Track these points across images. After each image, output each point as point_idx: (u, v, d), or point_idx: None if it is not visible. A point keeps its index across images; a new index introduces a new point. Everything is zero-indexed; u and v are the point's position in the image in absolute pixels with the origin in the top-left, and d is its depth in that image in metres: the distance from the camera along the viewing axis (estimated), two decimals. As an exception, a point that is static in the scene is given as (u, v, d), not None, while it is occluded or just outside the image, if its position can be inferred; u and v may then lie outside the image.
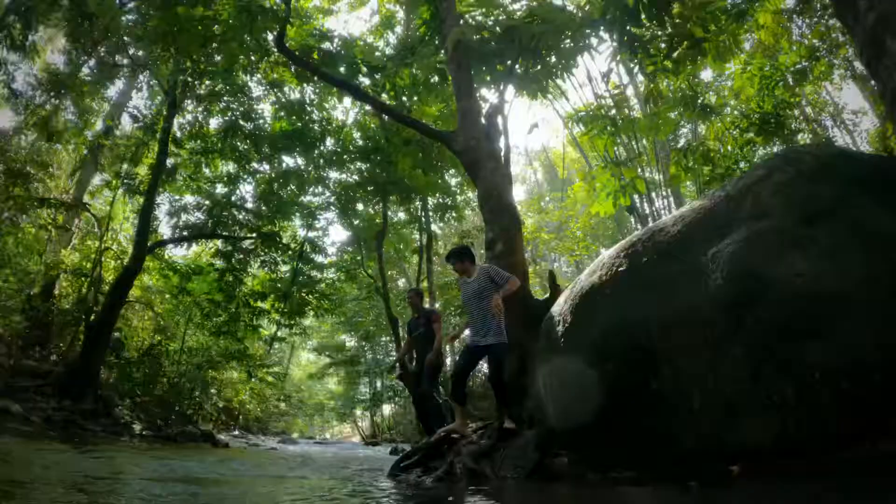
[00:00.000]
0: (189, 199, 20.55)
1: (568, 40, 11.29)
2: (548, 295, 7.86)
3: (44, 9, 14.33)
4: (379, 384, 37.08)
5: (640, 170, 15.12)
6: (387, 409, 40.24)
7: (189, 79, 16.87)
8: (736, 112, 16.40)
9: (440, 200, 20.15)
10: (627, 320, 4.68)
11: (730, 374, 3.97)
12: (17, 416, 10.41)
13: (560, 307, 5.71)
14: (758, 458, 3.83)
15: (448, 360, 21.84)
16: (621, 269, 5.00)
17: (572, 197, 22.59)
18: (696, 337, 4.18)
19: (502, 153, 9.89)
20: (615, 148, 13.74)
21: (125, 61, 18.40)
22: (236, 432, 26.07)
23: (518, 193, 44.38)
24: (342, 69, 15.58)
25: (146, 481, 4.91)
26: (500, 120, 10.22)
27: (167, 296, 23.33)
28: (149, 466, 6.56)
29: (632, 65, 13.25)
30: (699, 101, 14.40)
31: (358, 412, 42.62)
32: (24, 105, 17.47)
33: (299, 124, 18.15)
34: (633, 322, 4.61)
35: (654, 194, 17.68)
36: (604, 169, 12.32)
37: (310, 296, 21.92)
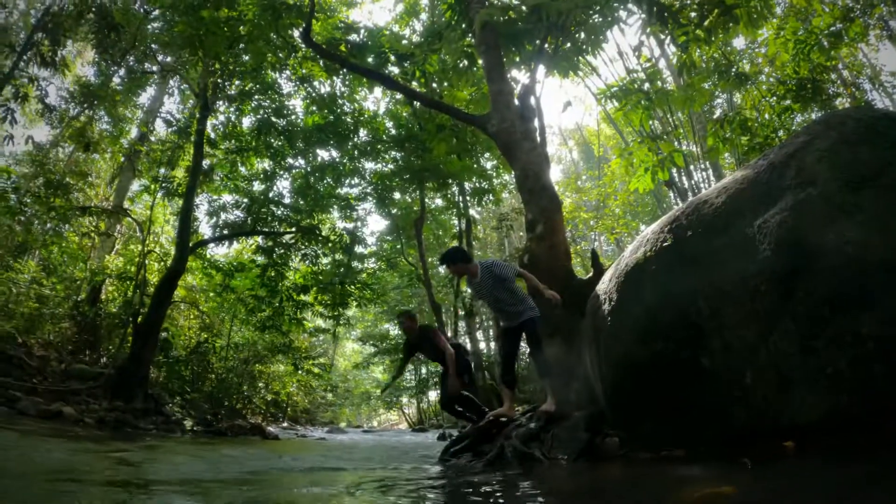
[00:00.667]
0: (227, 198, 20.80)
1: (596, 15, 11.14)
2: (590, 274, 7.80)
3: (70, 24, 14.55)
4: (424, 371, 37.26)
5: (677, 143, 14.93)
6: (433, 395, 40.46)
7: (219, 80, 17.02)
8: (772, 79, 16.08)
9: (477, 184, 20.13)
10: (674, 296, 4.61)
11: (781, 348, 3.89)
12: (71, 418, 10.62)
13: (605, 285, 5.66)
14: (811, 434, 3.76)
15: (482, 346, 21.80)
16: (666, 244, 4.92)
17: (610, 174, 22.38)
18: (745, 311, 4.10)
19: (537, 133, 9.81)
20: (650, 122, 13.56)
21: (154, 68, 18.69)
22: (285, 424, 26.40)
23: (554, 173, 44.21)
24: (370, 59, 15.63)
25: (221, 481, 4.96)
26: (532, 100, 10.13)
27: (211, 294, 23.71)
28: (216, 460, 6.64)
29: (662, 36, 13.06)
30: (733, 69, 14.16)
31: (404, 399, 42.92)
32: (59, 118, 17.80)
33: (331, 117, 18.25)
34: (681, 298, 4.54)
35: (692, 167, 17.48)
36: (640, 144, 12.14)
37: (352, 286, 22.04)
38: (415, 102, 17.53)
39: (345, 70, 16.73)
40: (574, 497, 3.90)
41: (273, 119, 18.50)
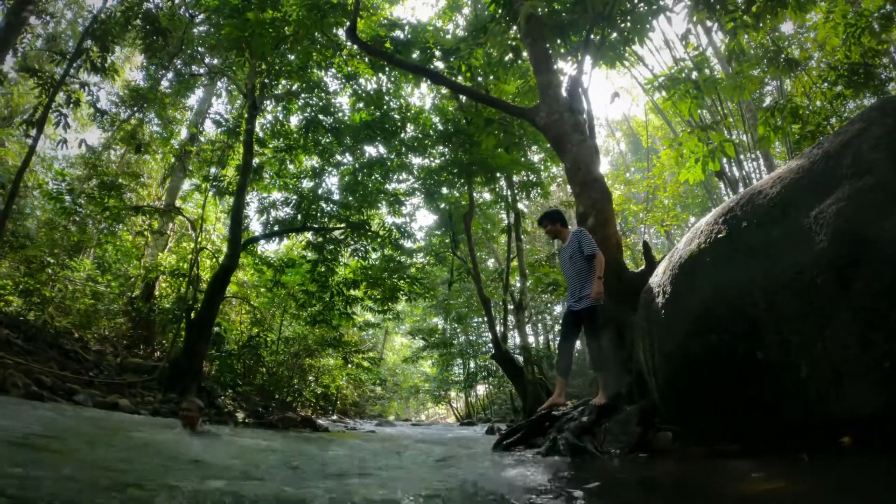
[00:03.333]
0: (277, 195, 21.09)
1: (641, 3, 11.04)
2: (642, 267, 7.76)
3: (118, 30, 14.94)
4: (473, 365, 37.32)
5: (727, 132, 14.68)
6: (481, 389, 40.52)
7: (266, 80, 17.26)
8: (822, 64, 15.70)
9: (525, 178, 20.05)
10: (729, 288, 4.55)
11: (837, 341, 3.81)
12: (126, 410, 10.88)
13: (658, 278, 5.60)
14: (867, 429, 3.68)
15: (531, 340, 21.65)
16: (720, 235, 4.86)
17: (659, 165, 22.07)
18: (801, 303, 4.03)
19: (586, 125, 9.76)
20: (699, 111, 13.35)
21: (202, 70, 19.06)
22: (334, 417, 26.67)
23: (602, 165, 43.89)
24: (415, 55, 15.66)
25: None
26: (580, 91, 10.08)
27: (262, 289, 24.12)
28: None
29: (710, 23, 12.86)
30: (782, 55, 13.88)
31: (452, 393, 43.05)
32: (110, 121, 18.31)
33: (378, 114, 18.33)
34: (736, 290, 4.49)
35: (742, 157, 17.17)
36: (690, 134, 11.96)
37: (401, 281, 22.18)
38: (461, 97, 17.54)
39: (390, 66, 16.81)
40: (625, 490, 3.90)
41: (320, 117, 18.67)
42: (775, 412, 4.20)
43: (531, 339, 29.30)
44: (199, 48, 18.02)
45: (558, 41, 11.65)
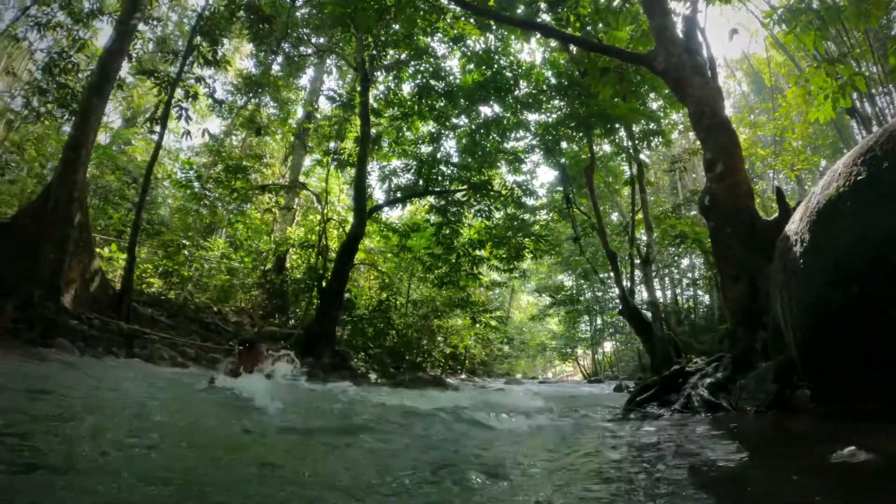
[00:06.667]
0: (397, 162, 21.51)
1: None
2: (776, 215, 7.36)
3: (224, 24, 15.72)
4: (599, 322, 36.99)
5: (855, 65, 13.71)
6: (608, 346, 40.20)
7: (374, 52, 17.52)
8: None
9: (645, 126, 19.41)
10: (871, 236, 4.14)
11: None
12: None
13: (795, 225, 5.18)
14: None
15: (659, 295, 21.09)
16: (860, 177, 4.41)
17: (785, 106, 20.84)
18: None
19: (706, 66, 9.31)
20: (824, 44, 12.49)
21: (310, 50, 19.71)
22: (463, 376, 27.11)
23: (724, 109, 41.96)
24: (520, 10, 15.38)
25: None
26: (697, 31, 9.62)
27: (389, 255, 24.75)
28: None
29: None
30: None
31: (579, 351, 42.94)
32: (228, 109, 19.44)
33: (489, 73, 18.21)
34: (879, 237, 4.07)
35: (874, 92, 15.98)
36: (816, 69, 11.19)
37: (526, 239, 22.17)
38: (572, 48, 17.14)
39: (497, 24, 16.62)
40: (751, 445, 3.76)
41: (432, 82, 18.72)
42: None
43: (658, 294, 28.71)
44: (305, 29, 18.59)
45: (669, -20, 11.16)
